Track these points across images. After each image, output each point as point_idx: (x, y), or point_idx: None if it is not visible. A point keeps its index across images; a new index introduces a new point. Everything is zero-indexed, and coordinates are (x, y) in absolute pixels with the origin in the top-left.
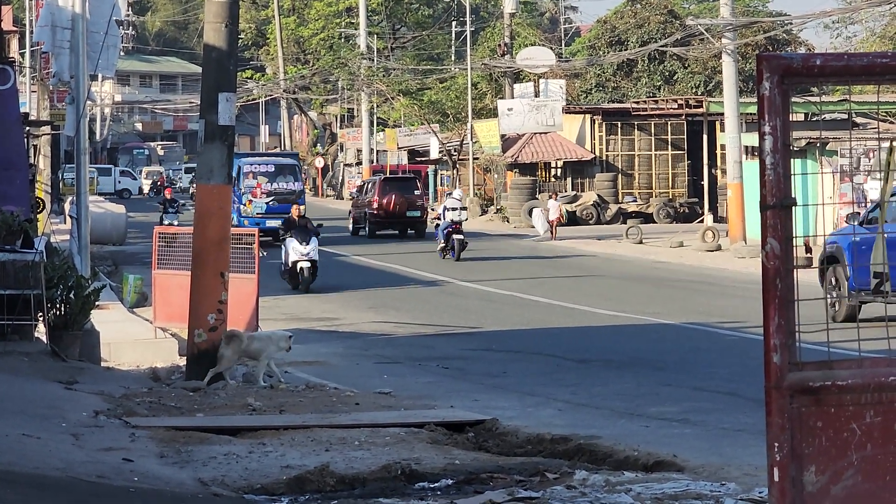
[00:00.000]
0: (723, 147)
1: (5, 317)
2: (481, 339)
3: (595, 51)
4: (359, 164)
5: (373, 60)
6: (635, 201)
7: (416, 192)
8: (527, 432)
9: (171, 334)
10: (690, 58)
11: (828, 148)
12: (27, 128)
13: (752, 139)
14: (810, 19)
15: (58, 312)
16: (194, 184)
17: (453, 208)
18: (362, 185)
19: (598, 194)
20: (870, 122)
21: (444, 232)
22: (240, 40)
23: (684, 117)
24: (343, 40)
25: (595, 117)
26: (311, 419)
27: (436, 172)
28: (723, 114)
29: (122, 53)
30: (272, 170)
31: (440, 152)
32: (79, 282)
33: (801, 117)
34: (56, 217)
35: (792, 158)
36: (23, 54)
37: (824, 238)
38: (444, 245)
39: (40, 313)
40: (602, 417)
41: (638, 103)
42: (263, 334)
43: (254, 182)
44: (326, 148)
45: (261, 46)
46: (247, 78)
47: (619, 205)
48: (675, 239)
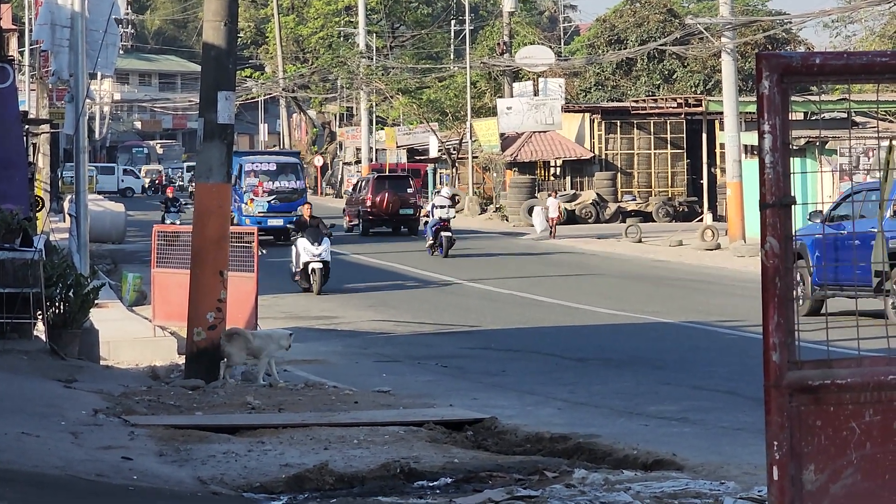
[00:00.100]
0: (722, 146)
1: (4, 315)
2: (480, 337)
3: (594, 49)
4: (358, 162)
5: (372, 59)
6: (634, 200)
7: (409, 190)
8: (526, 431)
9: (170, 333)
10: (690, 57)
11: (827, 147)
12: (26, 126)
13: (752, 138)
14: (810, 18)
15: (57, 311)
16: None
17: (441, 206)
18: (356, 183)
19: (598, 193)
20: (869, 120)
21: (433, 229)
22: (239, 39)
23: (683, 116)
24: (342, 39)
25: (594, 116)
26: (310, 418)
27: (435, 171)
28: (722, 113)
29: (122, 52)
30: (274, 168)
31: (439, 151)
32: (78, 280)
33: (801, 116)
34: (55, 215)
35: (791, 157)
36: (22, 52)
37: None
38: (432, 242)
39: (39, 312)
40: (601, 416)
41: (637, 102)
42: (264, 332)
43: (255, 181)
44: (325, 146)
45: (260, 45)
46: (246, 76)
47: (618, 203)
48: (675, 238)
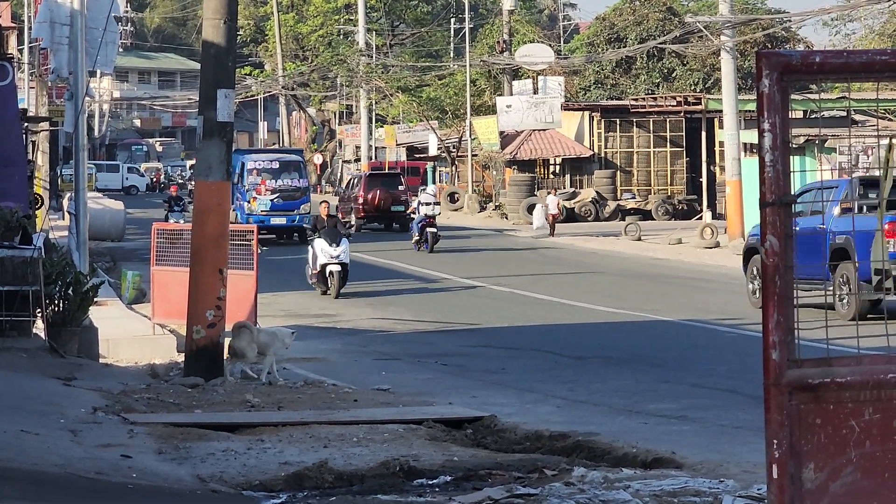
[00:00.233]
0: (721, 144)
1: (4, 313)
2: (480, 335)
3: (594, 48)
4: (357, 160)
5: (371, 57)
6: (634, 198)
7: (401, 188)
8: (525, 429)
9: (169, 331)
10: (689, 55)
11: (826, 145)
12: (26, 124)
13: (751, 136)
14: (809, 17)
15: (56, 309)
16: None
17: (427, 203)
18: (349, 180)
19: (597, 191)
20: (868, 119)
21: (419, 226)
22: (238, 37)
23: (683, 114)
24: (342, 37)
25: (594, 114)
26: (309, 416)
27: (434, 169)
28: (721, 111)
29: (121, 50)
30: (277, 167)
31: (439, 149)
32: (77, 278)
33: (800, 114)
34: (55, 213)
35: (791, 155)
36: (21, 50)
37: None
38: (418, 238)
39: (39, 309)
40: (600, 414)
41: (637, 100)
42: (269, 329)
43: (258, 179)
44: (325, 145)
45: (259, 43)
46: (245, 74)
47: (617, 202)
48: (674, 236)
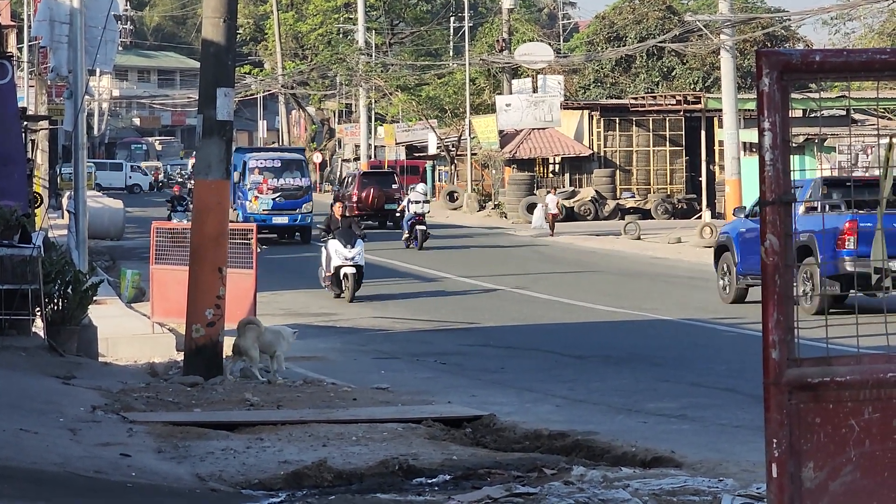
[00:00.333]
0: (721, 143)
1: (3, 312)
2: (479, 334)
3: (593, 46)
4: (357, 159)
5: (371, 56)
6: (633, 197)
7: (394, 186)
8: (524, 428)
9: (168, 329)
10: (689, 54)
11: (826, 144)
12: (25, 122)
13: (751, 135)
14: (809, 15)
15: (55, 307)
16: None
17: (416, 201)
18: (343, 178)
19: (596, 190)
20: (868, 118)
21: (409, 223)
22: (238, 35)
23: (682, 113)
24: (341, 36)
25: (593, 113)
26: (308, 414)
27: (434, 168)
28: (721, 110)
29: (121, 48)
30: (279, 165)
31: (438, 148)
32: (76, 277)
33: (799, 113)
34: (54, 212)
35: (790, 155)
36: (21, 49)
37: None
38: (408, 235)
39: (38, 308)
40: (600, 413)
41: (636, 99)
42: (274, 328)
43: (260, 178)
44: (324, 143)
45: (259, 42)
46: (245, 73)
47: (616, 201)
48: (673, 235)
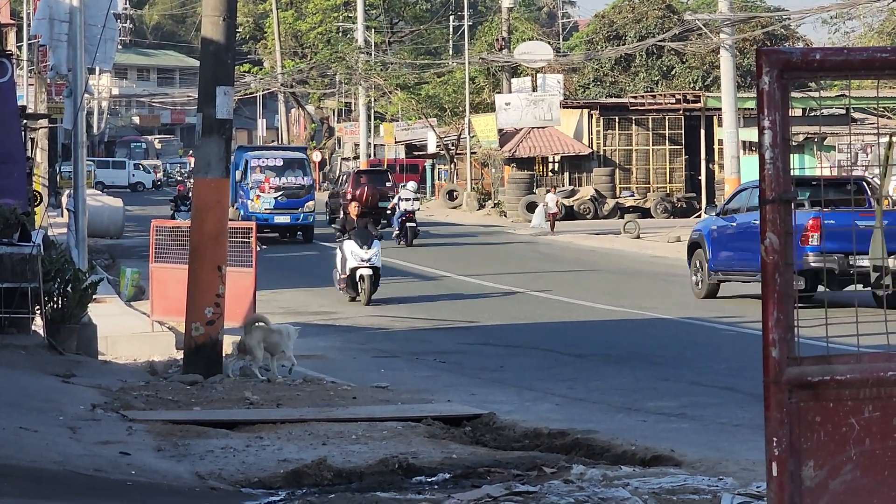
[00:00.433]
0: (720, 142)
1: (2, 310)
2: (479, 333)
3: (593, 45)
4: (356, 158)
5: (370, 54)
6: (633, 196)
7: (388, 184)
8: (524, 427)
9: (168, 328)
10: (688, 53)
11: (825, 143)
12: (25, 121)
13: (750, 134)
14: (808, 14)
15: (55, 306)
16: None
17: (406, 199)
18: (337, 177)
19: (596, 189)
20: (867, 117)
21: (399, 220)
22: (237, 34)
23: (682, 112)
24: (341, 34)
25: (593, 112)
26: (308, 413)
27: (433, 167)
28: (720, 109)
29: (120, 47)
30: (280, 164)
31: (437, 147)
32: (76, 275)
33: (799, 112)
34: (53, 210)
35: (790, 153)
36: (20, 47)
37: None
38: (398, 232)
39: (37, 306)
40: (599, 412)
41: (636, 98)
42: (279, 327)
43: (262, 176)
44: (324, 142)
45: (258, 40)
46: (244, 72)
47: (616, 199)
48: (673, 234)
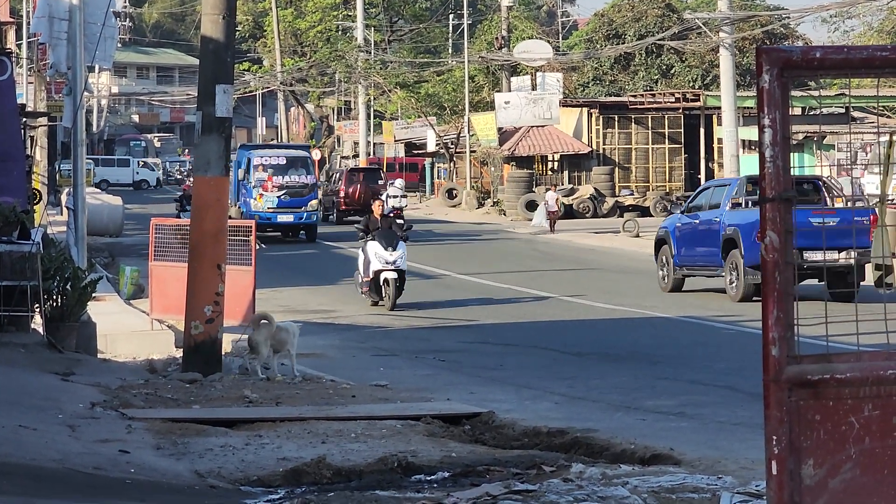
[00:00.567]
0: (720, 141)
1: (2, 308)
2: (478, 331)
3: (592, 44)
4: (356, 156)
5: (370, 53)
6: (632, 195)
7: (380, 182)
8: (523, 425)
9: (167, 326)
10: (688, 51)
11: (825, 142)
12: (24, 119)
13: (750, 133)
14: (808, 13)
15: (54, 304)
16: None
17: (394, 196)
18: (331, 174)
19: (595, 188)
20: (867, 116)
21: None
22: (237, 32)
23: (681, 111)
24: (340, 33)
25: (592, 111)
26: (307, 411)
27: (433, 165)
28: (720, 107)
29: (120, 45)
30: (283, 162)
31: (437, 145)
32: (75, 273)
33: (799, 111)
34: (53, 208)
35: (790, 152)
36: (20, 45)
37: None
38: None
39: (37, 305)
40: (599, 411)
41: (635, 97)
42: (284, 324)
43: (264, 175)
44: (323, 140)
45: (258, 39)
46: (244, 70)
47: (615, 198)
48: None
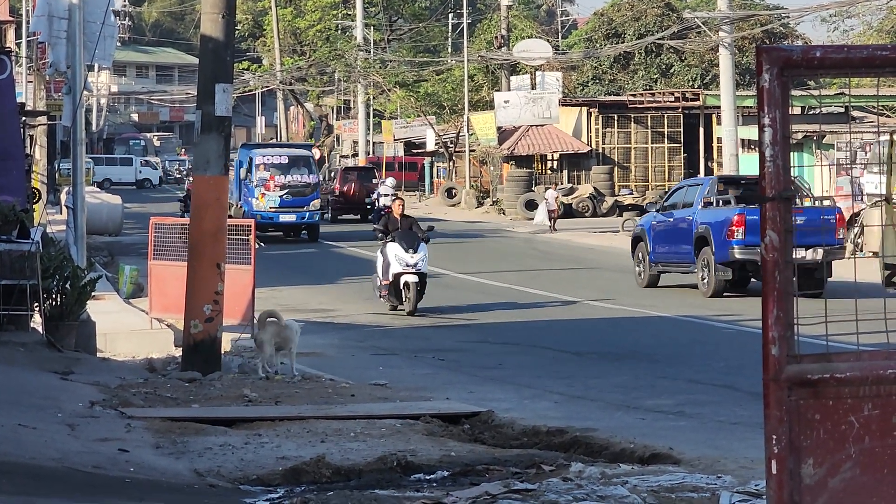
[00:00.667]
0: (719, 140)
1: (1, 307)
2: (477, 330)
3: (592, 43)
4: (355, 155)
5: (369, 52)
6: (631, 194)
7: (374, 181)
8: (523, 424)
9: (166, 325)
10: (687, 51)
11: (824, 141)
12: (23, 118)
13: (749, 132)
14: (807, 13)
15: (54, 303)
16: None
17: (385, 194)
18: (327, 173)
19: (595, 187)
20: (866, 115)
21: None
22: (236, 32)
23: (681, 110)
24: (340, 32)
25: (591, 110)
26: (306, 410)
27: (432, 164)
28: (719, 107)
29: (119, 44)
30: (286, 161)
31: (436, 144)
32: (75, 272)
33: (798, 111)
34: (52, 207)
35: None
36: (19, 44)
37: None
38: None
39: (36, 304)
40: (598, 410)
41: (634, 96)
42: (287, 323)
43: (267, 174)
44: (322, 140)
45: (257, 38)
46: (243, 69)
47: (615, 197)
48: None
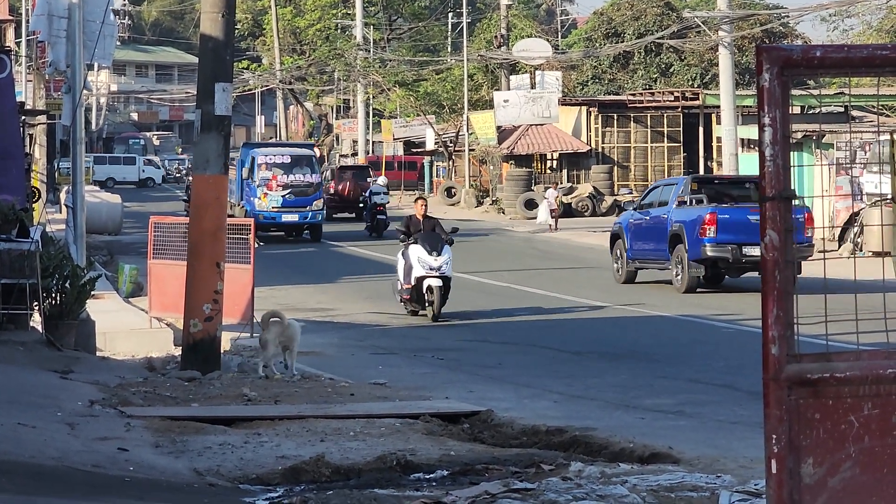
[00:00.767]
0: (719, 139)
1: (1, 306)
2: (476, 330)
3: (591, 43)
4: (355, 154)
5: (369, 51)
6: (631, 193)
7: (369, 180)
8: (522, 424)
9: (166, 324)
10: (687, 50)
11: (824, 141)
12: (23, 117)
13: (749, 132)
14: (807, 12)
15: (53, 302)
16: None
17: (377, 192)
18: (323, 172)
19: (594, 186)
20: (866, 115)
21: (369, 213)
22: (236, 31)
23: (680, 109)
24: (339, 31)
25: (591, 109)
26: (306, 410)
27: (431, 164)
28: (719, 106)
29: (119, 43)
30: (288, 161)
31: (436, 144)
32: (74, 271)
33: (798, 110)
34: (52, 207)
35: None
36: (19, 43)
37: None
38: (369, 224)
39: (36, 303)
40: (597, 409)
41: (634, 95)
42: (291, 323)
43: (269, 174)
44: (322, 139)
45: (257, 37)
46: (243, 68)
47: (614, 197)
48: None
